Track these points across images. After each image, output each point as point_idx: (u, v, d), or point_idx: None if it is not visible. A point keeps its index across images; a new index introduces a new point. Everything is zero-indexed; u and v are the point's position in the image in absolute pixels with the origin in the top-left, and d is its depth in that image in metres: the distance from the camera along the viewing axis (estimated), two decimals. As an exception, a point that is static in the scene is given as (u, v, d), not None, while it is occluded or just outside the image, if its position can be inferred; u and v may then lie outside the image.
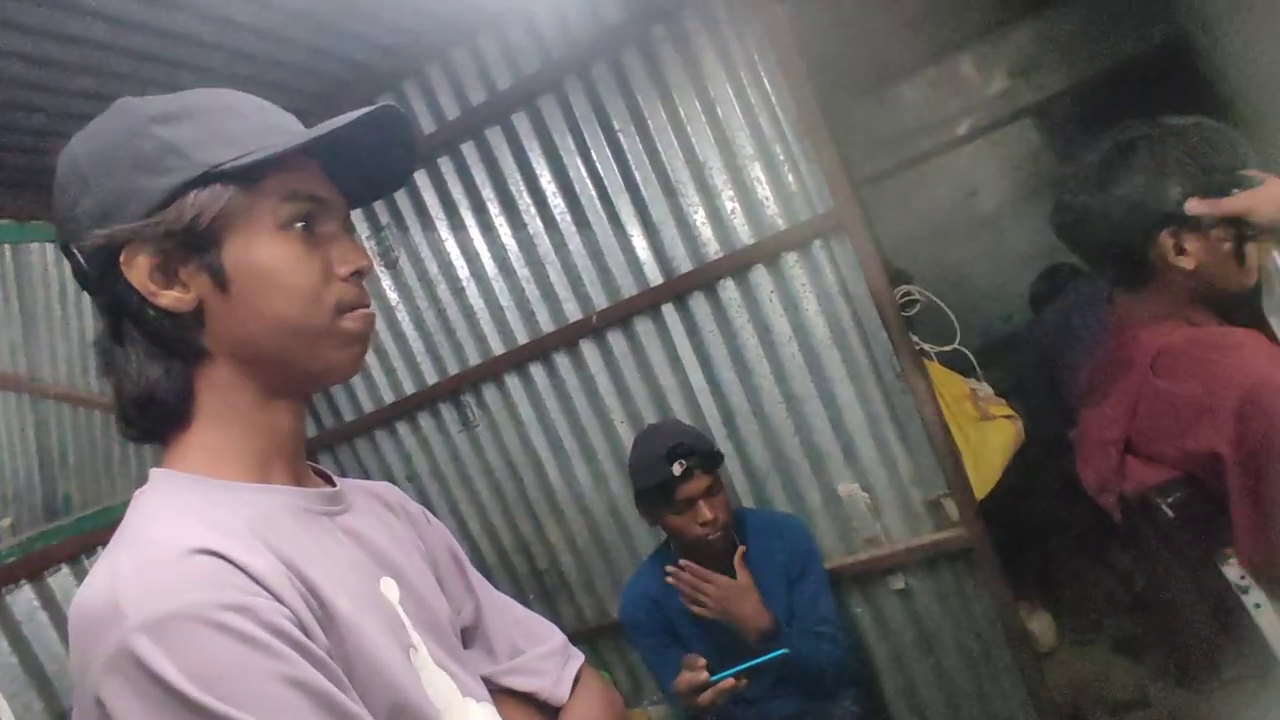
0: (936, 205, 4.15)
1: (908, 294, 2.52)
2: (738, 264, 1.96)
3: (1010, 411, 2.39)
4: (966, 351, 2.50)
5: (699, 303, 2.04)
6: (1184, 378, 1.03)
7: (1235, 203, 1.00)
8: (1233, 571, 1.03)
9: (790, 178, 1.90)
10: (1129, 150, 1.06)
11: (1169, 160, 1.03)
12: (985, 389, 2.46)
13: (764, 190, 1.93)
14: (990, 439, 2.38)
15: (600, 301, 2.12)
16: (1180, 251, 1.05)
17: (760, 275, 1.96)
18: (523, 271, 2.18)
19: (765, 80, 1.87)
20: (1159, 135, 1.06)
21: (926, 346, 2.51)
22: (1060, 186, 1.14)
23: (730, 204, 1.96)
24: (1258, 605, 1.01)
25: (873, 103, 4.13)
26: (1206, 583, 1.08)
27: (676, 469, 1.64)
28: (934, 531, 1.96)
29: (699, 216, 2.00)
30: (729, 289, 2.00)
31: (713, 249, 2.01)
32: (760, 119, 1.90)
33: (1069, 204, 1.12)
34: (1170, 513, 1.05)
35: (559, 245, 2.14)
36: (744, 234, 1.96)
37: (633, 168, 2.03)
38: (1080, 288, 2.41)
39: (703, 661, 1.50)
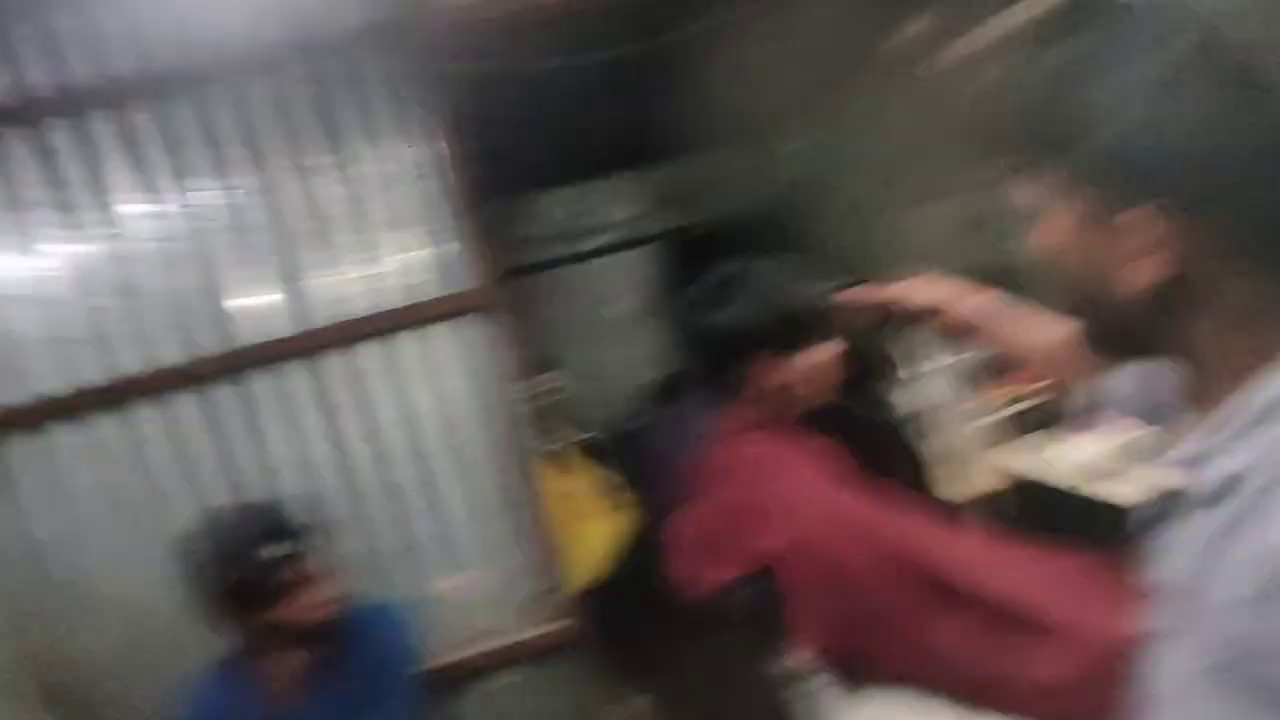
0: (580, 305, 4.48)
1: (544, 385, 2.59)
2: (380, 326, 1.83)
3: (625, 505, 2.54)
4: (598, 442, 2.63)
5: (336, 364, 1.84)
6: (761, 485, 1.17)
7: (887, 291, 1.14)
8: (789, 666, 1.16)
9: (439, 249, 1.85)
10: (728, 282, 1.24)
11: (759, 293, 1.22)
12: (611, 479, 2.60)
13: (419, 254, 1.84)
14: (608, 528, 2.50)
15: (206, 348, 1.79)
16: (768, 373, 1.23)
17: (407, 342, 1.85)
18: (103, 297, 1.75)
19: (424, 149, 1.83)
20: (753, 271, 1.24)
21: (562, 435, 2.58)
22: (676, 309, 1.29)
23: (388, 262, 1.84)
24: (812, 692, 1.15)
25: (533, 202, 4.39)
26: (772, 673, 1.20)
27: (279, 550, 1.40)
28: (541, 625, 1.95)
29: (346, 270, 1.83)
30: (372, 352, 1.85)
31: (360, 306, 1.84)
32: (430, 184, 1.84)
33: (683, 324, 1.26)
34: (737, 612, 1.16)
35: (163, 269, 1.78)
36: (393, 297, 1.84)
37: (281, 201, 1.80)
38: (695, 393, 2.70)
39: None
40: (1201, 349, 0.57)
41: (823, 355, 1.26)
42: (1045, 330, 0.97)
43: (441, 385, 1.86)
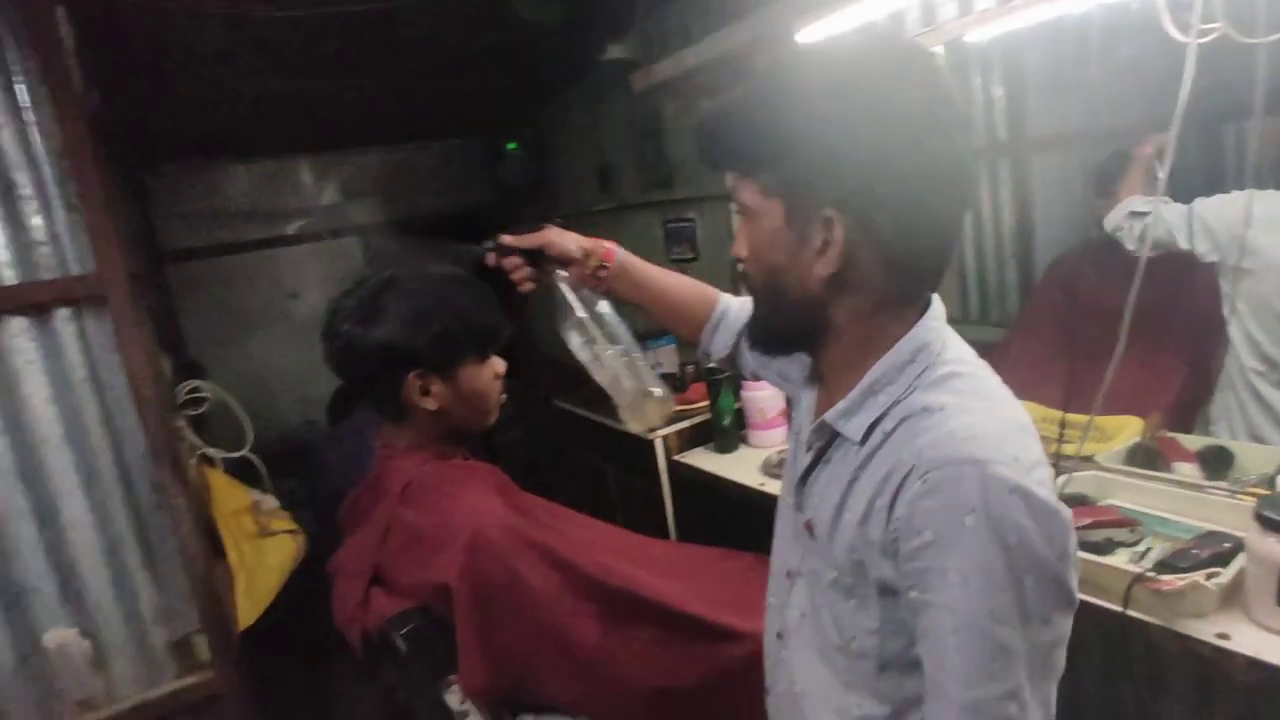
0: (256, 299, 3.94)
1: (195, 389, 2.21)
2: None
3: (294, 526, 2.26)
4: (255, 460, 2.30)
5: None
6: (426, 510, 1.08)
7: (531, 238, 1.11)
8: (454, 699, 1.07)
9: (36, 220, 1.45)
10: (389, 292, 1.12)
11: (421, 309, 1.11)
12: (270, 501, 2.28)
13: (28, 225, 1.42)
14: (267, 557, 2.19)
15: None
16: (425, 393, 1.13)
17: (-42, 340, 1.41)
18: None
19: (24, 87, 1.42)
20: (418, 283, 1.14)
21: (212, 452, 2.22)
22: (331, 314, 1.13)
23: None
24: (474, 728, 1.08)
25: (202, 175, 3.77)
26: (437, 708, 1.11)
27: None
28: (176, 678, 1.63)
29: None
30: None
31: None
32: (3, 134, 1.42)
33: (335, 332, 1.11)
34: (403, 644, 1.05)
35: None
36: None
37: None
38: (367, 409, 2.51)
39: None
40: (846, 332, 0.73)
41: (483, 376, 1.19)
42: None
43: (45, 388, 1.47)
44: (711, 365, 2.06)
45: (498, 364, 1.21)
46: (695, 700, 1.11)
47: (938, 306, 0.74)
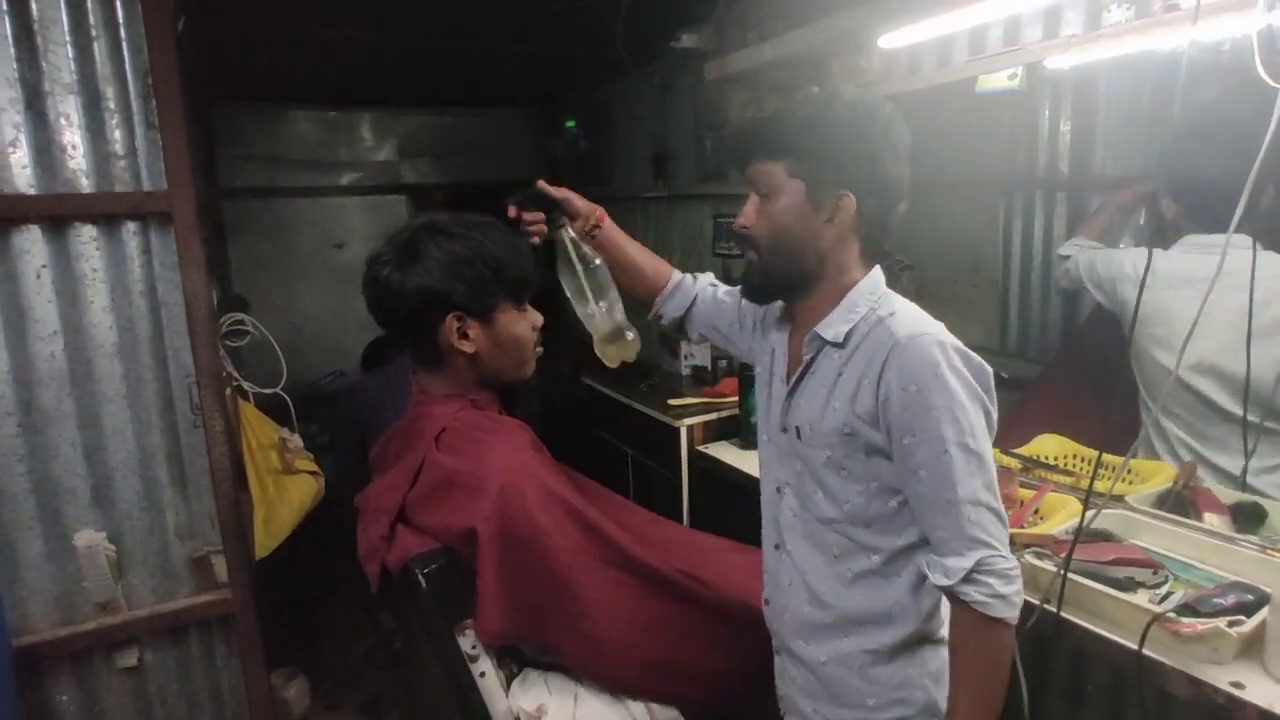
0: (304, 244, 4.01)
1: (239, 323, 2.26)
2: (33, 212, 1.42)
3: (315, 468, 2.30)
4: (287, 398, 2.34)
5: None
6: (459, 456, 1.10)
7: (561, 190, 1.33)
8: (465, 642, 1.10)
9: (117, 134, 1.49)
10: (427, 238, 1.14)
11: (459, 253, 1.14)
12: (296, 440, 2.33)
13: (71, 134, 1.46)
14: (288, 494, 2.24)
15: None
16: (463, 337, 1.15)
17: (30, 240, 1.45)
18: None
19: (118, 4, 1.46)
20: (454, 230, 1.16)
21: (247, 385, 2.26)
22: (371, 261, 1.15)
23: (12, 131, 1.42)
24: (483, 674, 1.10)
25: (265, 116, 3.84)
26: (447, 649, 1.14)
27: None
28: (192, 594, 1.68)
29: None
30: (18, 244, 1.43)
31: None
32: (96, 46, 1.46)
33: (374, 278, 1.14)
34: (424, 582, 1.07)
35: None
36: (21, 179, 1.44)
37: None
38: (405, 359, 2.55)
39: None
40: (830, 276, 1.04)
41: (521, 325, 1.21)
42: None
43: (105, 297, 1.51)
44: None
45: (535, 316, 1.24)
46: (695, 678, 1.12)
47: (879, 268, 1.06)
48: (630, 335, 1.35)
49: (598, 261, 1.31)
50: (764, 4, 2.14)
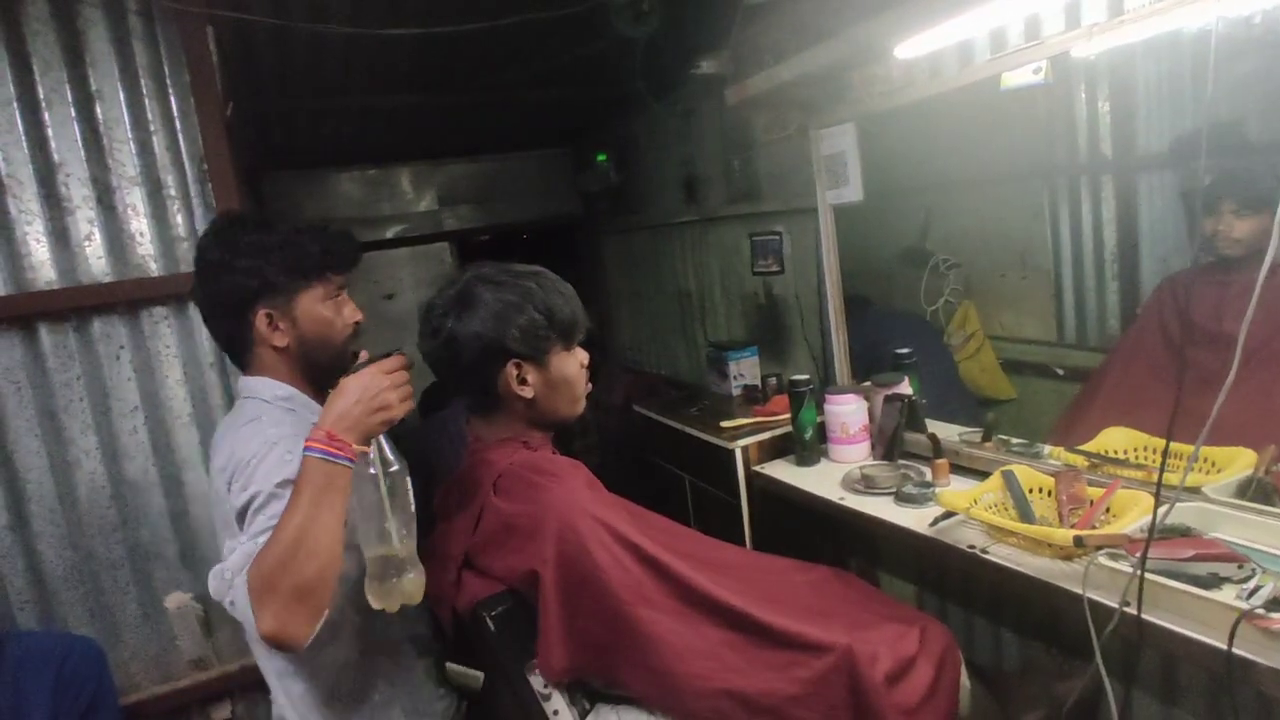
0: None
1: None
2: (79, 303, 1.52)
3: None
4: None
5: (9, 343, 1.50)
6: (517, 499, 1.13)
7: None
8: (537, 681, 1.12)
9: (179, 218, 1.60)
10: (481, 288, 1.18)
11: (511, 301, 1.17)
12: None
13: (139, 223, 1.57)
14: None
15: None
16: (522, 382, 1.18)
17: (109, 325, 1.56)
18: None
19: (173, 99, 1.57)
20: (504, 279, 1.20)
21: (313, 439, 2.35)
22: (427, 312, 1.20)
23: (87, 226, 1.54)
24: (556, 712, 1.12)
25: (311, 181, 4.03)
26: (519, 690, 1.16)
27: None
28: (277, 648, 1.75)
29: (34, 229, 1.51)
30: (62, 333, 1.53)
31: (44, 276, 1.52)
32: (155, 139, 1.58)
33: (435, 330, 1.18)
34: (492, 625, 1.10)
35: None
36: (97, 268, 1.55)
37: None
38: (459, 402, 2.61)
39: None
40: None
41: (571, 365, 1.24)
42: None
43: (179, 371, 1.61)
44: (794, 379, 2.07)
45: (582, 355, 1.27)
46: (765, 708, 1.12)
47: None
48: (413, 575, 1.04)
49: (396, 467, 1.04)
50: (779, 25, 2.17)
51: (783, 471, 2.07)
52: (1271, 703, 1.12)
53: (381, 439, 1.03)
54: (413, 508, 1.05)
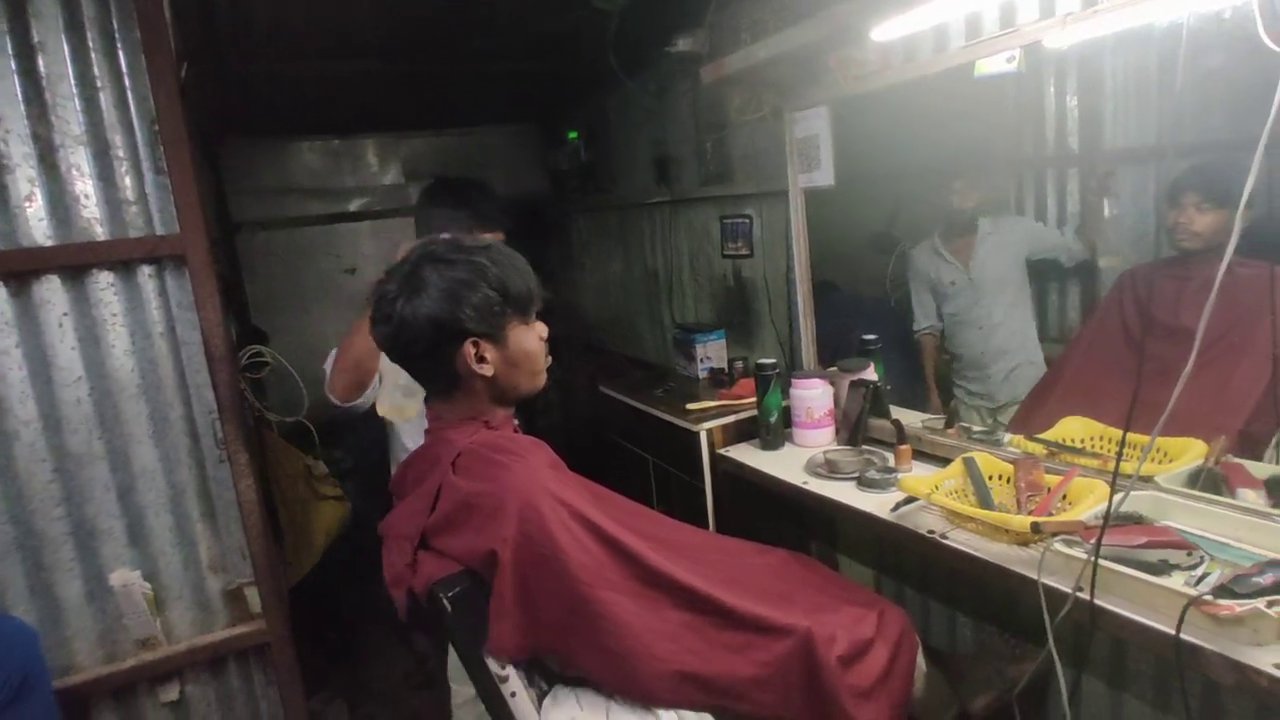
0: (316, 272, 4.06)
1: (257, 354, 2.29)
2: (18, 267, 1.45)
3: (340, 493, 2.33)
4: (310, 425, 2.37)
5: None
6: (477, 479, 1.11)
7: None
8: (495, 663, 1.10)
9: (127, 181, 1.52)
10: (429, 268, 1.14)
11: (462, 279, 1.14)
12: (321, 467, 2.36)
13: (84, 185, 1.49)
14: (316, 521, 2.27)
15: None
16: (481, 360, 1.16)
17: (50, 290, 1.48)
18: None
19: (122, 55, 1.49)
20: (454, 256, 1.16)
21: (269, 415, 2.29)
22: (378, 300, 1.16)
23: (27, 186, 1.46)
24: (513, 694, 1.10)
25: (272, 150, 3.90)
26: (477, 670, 1.14)
27: None
28: (228, 626, 1.71)
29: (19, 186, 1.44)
30: (41, 294, 1.47)
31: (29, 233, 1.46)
32: (103, 97, 1.50)
33: (387, 315, 1.14)
34: (449, 606, 1.08)
35: None
36: (38, 231, 1.47)
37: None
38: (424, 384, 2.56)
39: None
40: None
41: (530, 338, 1.22)
42: None
43: (126, 340, 1.55)
44: (761, 362, 2.06)
45: (541, 327, 1.25)
46: (723, 689, 1.12)
47: None
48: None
49: None
50: (756, 4, 2.14)
51: (747, 455, 2.08)
52: (1217, 687, 1.15)
53: None
54: None
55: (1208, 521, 1.28)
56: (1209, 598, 1.03)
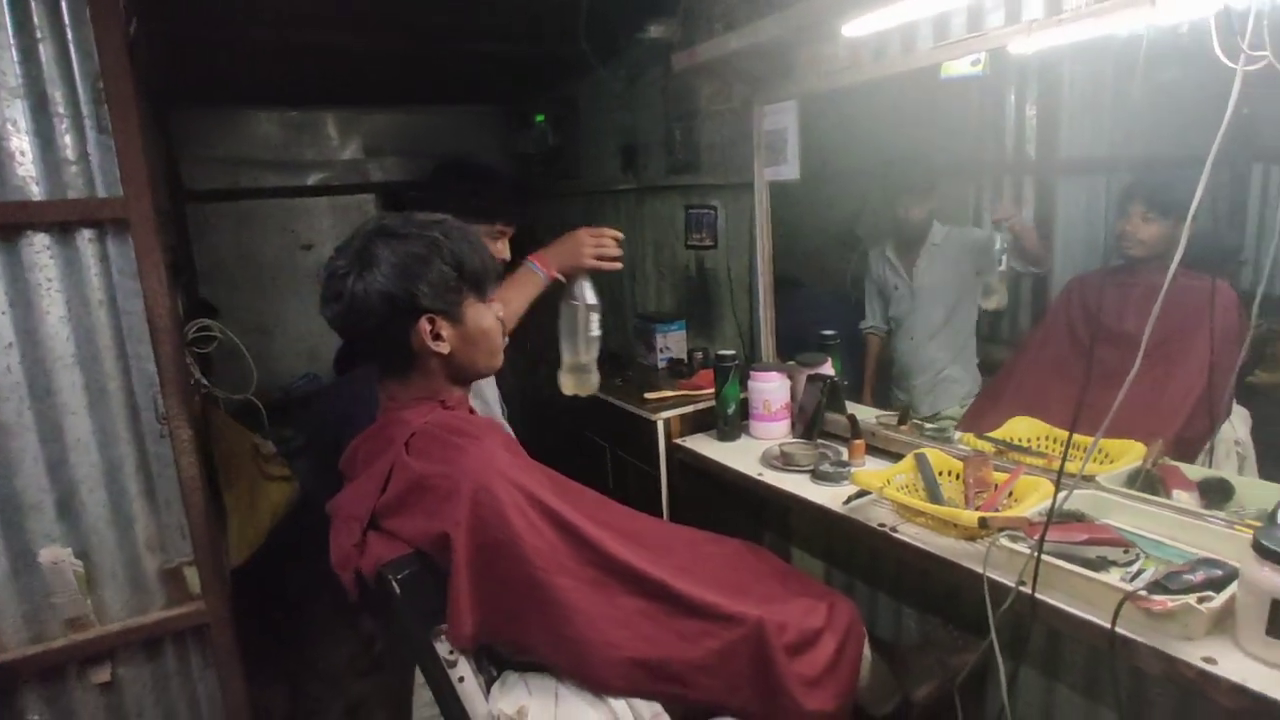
0: (271, 246, 3.95)
1: (204, 328, 2.22)
2: None
3: (288, 473, 2.27)
4: (259, 403, 2.31)
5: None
6: (431, 460, 1.09)
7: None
8: (443, 647, 1.09)
9: (67, 139, 1.45)
10: (381, 242, 1.11)
11: (416, 253, 1.11)
12: (269, 446, 2.30)
13: (19, 141, 1.41)
14: (262, 501, 2.21)
15: None
16: (437, 338, 1.13)
17: (-19, 249, 1.41)
18: None
19: (64, 5, 1.42)
20: (407, 230, 1.13)
21: (216, 392, 2.22)
22: (329, 276, 1.13)
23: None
24: (461, 679, 1.09)
25: (227, 119, 3.78)
26: (424, 655, 1.12)
27: None
28: (165, 607, 1.65)
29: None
30: None
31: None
32: (42, 49, 1.41)
33: (338, 292, 1.11)
34: (398, 589, 1.06)
35: None
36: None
37: None
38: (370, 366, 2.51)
39: None
40: None
41: (487, 316, 1.20)
42: None
43: (61, 307, 1.47)
44: (720, 354, 2.07)
45: (498, 306, 1.23)
46: (671, 675, 1.12)
47: None
48: (594, 376, 1.69)
49: (592, 302, 1.62)
50: (729, -6, 2.14)
51: (704, 445, 2.08)
52: (1144, 677, 1.19)
53: (585, 281, 1.62)
54: (597, 332, 1.64)
55: (1144, 520, 1.33)
56: (1144, 593, 1.07)
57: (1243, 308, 1.62)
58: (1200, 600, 1.04)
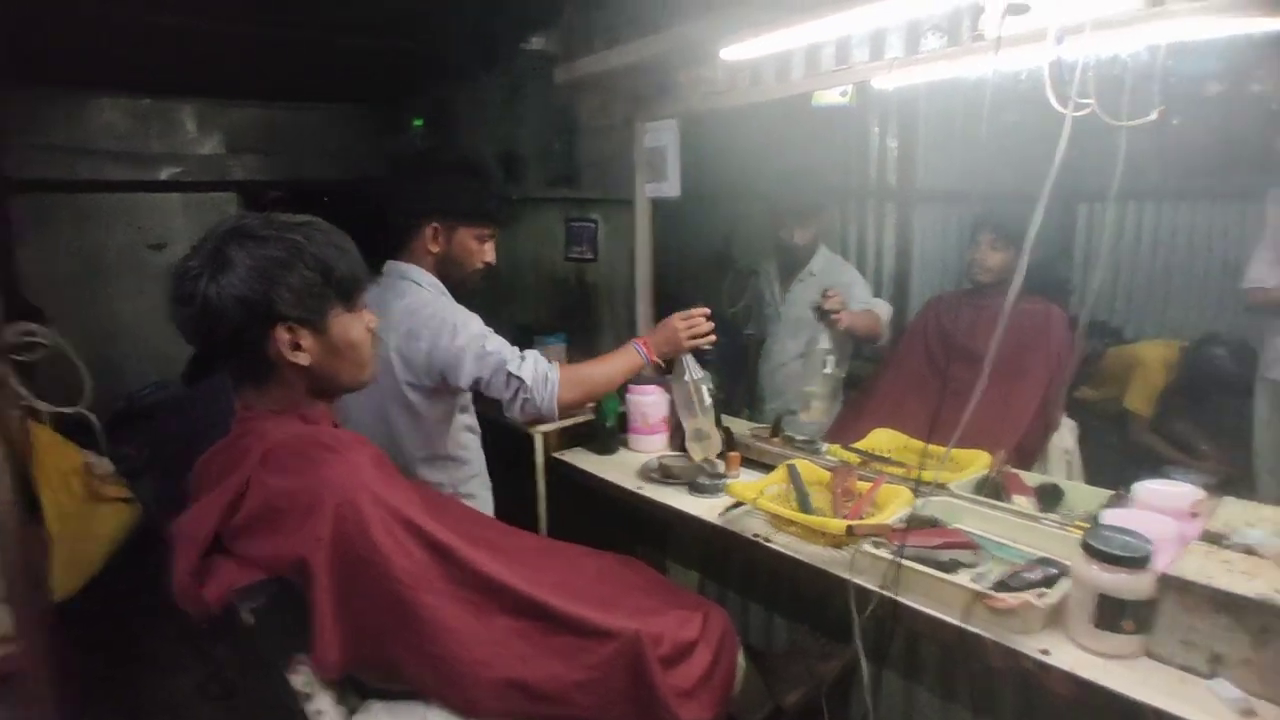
0: (115, 244, 3.60)
1: (30, 334, 1.99)
2: None
3: (128, 494, 2.07)
4: (92, 417, 2.09)
5: None
6: (290, 475, 1.01)
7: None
8: (299, 679, 1.01)
9: None
10: (234, 243, 1.03)
11: (275, 257, 1.04)
12: (105, 465, 2.08)
13: None
14: (95, 525, 2.00)
15: None
16: (296, 348, 1.06)
17: None
18: None
19: None
20: (266, 233, 1.05)
21: (39, 405, 2.00)
22: (179, 278, 1.03)
23: None
24: (319, 712, 1.01)
25: (65, 103, 3.42)
26: (280, 689, 1.04)
27: None
28: (-29, 651, 1.45)
29: None
30: None
31: None
32: None
33: (189, 295, 1.01)
34: (253, 619, 0.98)
35: None
36: None
37: None
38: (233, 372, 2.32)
39: None
40: None
41: (356, 328, 1.13)
42: None
43: None
44: None
45: (369, 317, 1.16)
46: (548, 694, 1.09)
47: None
48: (716, 438, 1.82)
49: (700, 375, 1.78)
50: (612, 10, 2.16)
51: (582, 459, 2.07)
52: (994, 672, 1.28)
53: (687, 358, 1.76)
54: (709, 401, 1.79)
55: (990, 524, 1.44)
56: (991, 592, 1.15)
57: (1071, 331, 1.81)
58: (1039, 597, 1.14)
